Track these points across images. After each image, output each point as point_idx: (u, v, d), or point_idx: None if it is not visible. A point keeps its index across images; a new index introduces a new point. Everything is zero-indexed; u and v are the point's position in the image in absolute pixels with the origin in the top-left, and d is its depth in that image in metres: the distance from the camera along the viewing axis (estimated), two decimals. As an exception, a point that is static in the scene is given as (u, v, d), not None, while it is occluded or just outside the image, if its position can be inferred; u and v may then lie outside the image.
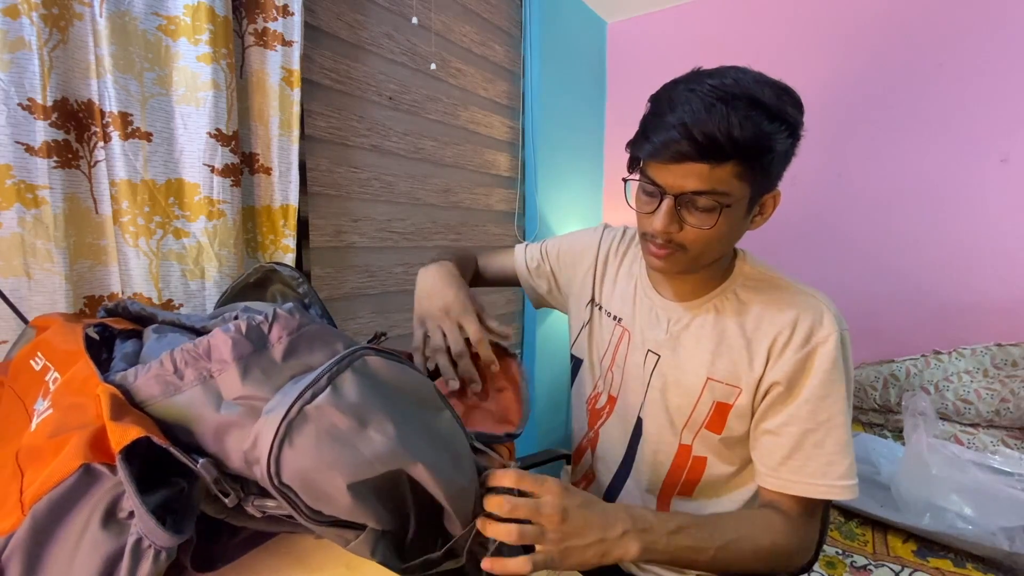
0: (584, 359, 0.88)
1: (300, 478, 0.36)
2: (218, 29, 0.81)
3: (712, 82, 0.56)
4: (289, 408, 0.36)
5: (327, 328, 0.45)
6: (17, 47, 0.66)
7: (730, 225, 0.62)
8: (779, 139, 0.57)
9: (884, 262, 1.79)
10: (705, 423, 0.70)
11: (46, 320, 0.58)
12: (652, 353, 0.75)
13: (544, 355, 1.91)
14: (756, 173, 0.58)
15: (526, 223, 1.85)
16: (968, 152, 1.64)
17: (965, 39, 1.63)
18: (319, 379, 0.38)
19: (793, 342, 0.65)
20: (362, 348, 0.42)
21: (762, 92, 0.56)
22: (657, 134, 0.57)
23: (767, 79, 0.59)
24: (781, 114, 0.57)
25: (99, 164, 0.76)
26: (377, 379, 0.41)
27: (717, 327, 0.70)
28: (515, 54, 1.78)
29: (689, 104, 0.55)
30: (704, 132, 0.54)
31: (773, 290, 0.69)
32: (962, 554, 1.24)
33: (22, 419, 0.45)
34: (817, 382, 0.64)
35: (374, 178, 1.30)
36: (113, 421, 0.35)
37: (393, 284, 1.37)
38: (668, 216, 0.60)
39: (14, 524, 0.34)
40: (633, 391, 0.78)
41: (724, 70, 0.59)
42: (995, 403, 1.50)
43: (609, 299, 0.84)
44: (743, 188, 0.58)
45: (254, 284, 0.70)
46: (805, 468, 0.64)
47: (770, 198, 0.65)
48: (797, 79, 0.66)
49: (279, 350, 0.41)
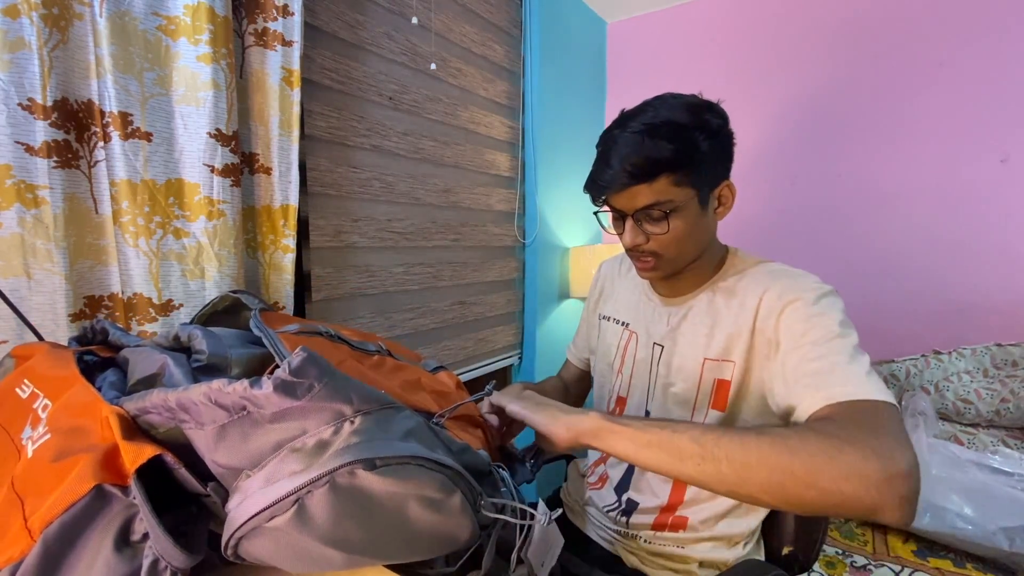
0: (597, 372, 0.94)
1: (263, 559, 0.36)
2: (218, 29, 0.81)
3: (634, 121, 0.69)
4: (244, 523, 0.34)
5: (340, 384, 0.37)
6: (17, 47, 0.66)
7: (688, 223, 0.71)
8: (700, 144, 0.67)
9: (884, 262, 1.79)
10: (710, 403, 0.74)
11: (27, 349, 0.57)
12: (656, 345, 0.81)
13: (544, 355, 1.91)
14: (690, 176, 0.69)
15: (526, 223, 1.85)
16: (968, 152, 1.64)
17: (965, 39, 1.63)
18: (283, 499, 0.34)
19: (777, 298, 0.68)
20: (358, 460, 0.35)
21: (676, 114, 0.68)
22: (601, 175, 0.71)
23: (686, 101, 0.70)
24: (698, 125, 0.68)
25: (99, 164, 0.76)
26: (359, 496, 0.35)
27: (710, 312, 0.76)
28: (515, 54, 1.78)
29: (618, 143, 0.69)
30: (632, 163, 0.68)
31: (761, 272, 0.74)
32: (962, 554, 1.24)
33: (8, 449, 0.44)
34: (803, 313, 0.64)
35: (374, 178, 1.30)
36: (126, 440, 0.35)
37: (393, 284, 1.37)
38: (633, 231, 0.73)
39: (23, 551, 0.34)
40: (640, 388, 0.83)
41: (646, 105, 0.72)
42: (995, 403, 1.50)
43: (616, 308, 0.92)
44: (684, 192, 0.69)
45: (223, 311, 0.71)
46: (827, 380, 0.57)
47: (724, 189, 0.74)
48: (797, 79, 0.67)
49: (266, 415, 0.36)
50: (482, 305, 1.70)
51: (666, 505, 0.78)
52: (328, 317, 1.20)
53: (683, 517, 0.77)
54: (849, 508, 0.46)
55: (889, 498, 0.44)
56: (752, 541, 0.79)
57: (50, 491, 0.36)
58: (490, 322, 1.75)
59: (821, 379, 0.57)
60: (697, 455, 0.50)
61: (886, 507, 0.44)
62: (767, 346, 0.67)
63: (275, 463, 0.36)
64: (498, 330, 1.79)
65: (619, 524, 0.81)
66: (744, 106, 1.99)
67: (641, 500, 0.80)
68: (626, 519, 0.80)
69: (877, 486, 0.44)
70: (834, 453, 0.46)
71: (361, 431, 0.37)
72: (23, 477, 0.39)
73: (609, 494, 0.85)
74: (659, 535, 0.77)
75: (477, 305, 1.68)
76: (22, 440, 0.44)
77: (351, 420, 0.37)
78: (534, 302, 1.86)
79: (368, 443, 0.36)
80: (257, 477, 0.36)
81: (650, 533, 0.78)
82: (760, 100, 1.93)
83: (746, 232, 1.97)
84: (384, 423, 0.39)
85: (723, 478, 0.49)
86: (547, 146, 1.85)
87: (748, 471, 0.48)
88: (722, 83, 2.02)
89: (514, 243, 1.84)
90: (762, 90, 1.93)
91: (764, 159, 1.94)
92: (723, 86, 2.02)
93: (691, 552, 0.75)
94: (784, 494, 0.47)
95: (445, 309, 1.55)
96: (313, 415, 0.36)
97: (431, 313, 1.50)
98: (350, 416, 0.37)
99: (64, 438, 0.40)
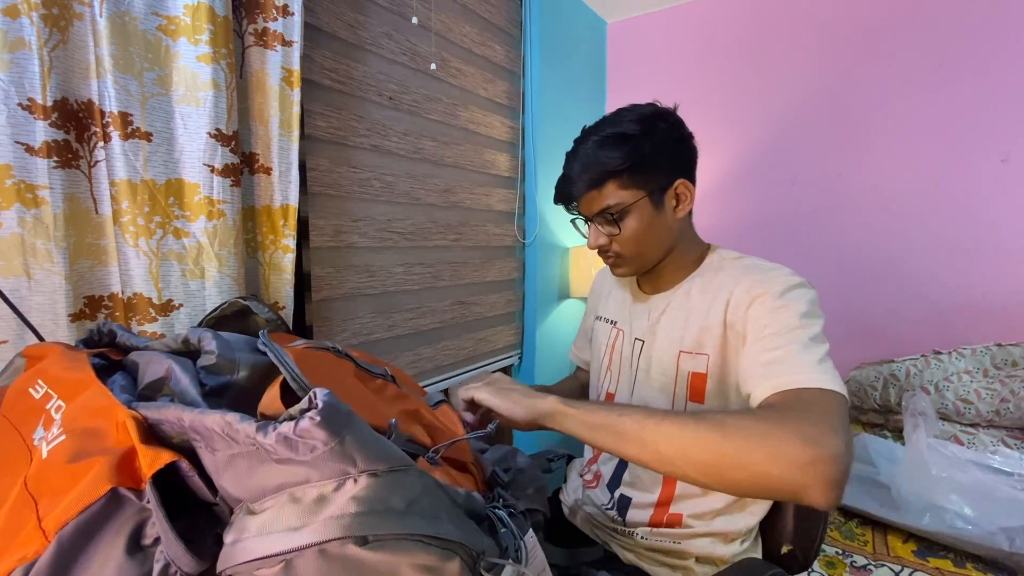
0: (591, 370, 0.98)
1: None
2: (218, 29, 0.81)
3: (593, 135, 0.77)
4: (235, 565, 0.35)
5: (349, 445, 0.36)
6: (17, 47, 0.67)
7: (642, 223, 0.77)
8: (644, 149, 0.73)
9: (884, 262, 1.79)
10: (688, 395, 0.76)
11: (40, 349, 0.57)
12: (638, 340, 0.85)
13: (544, 355, 1.91)
14: (635, 179, 0.75)
15: (526, 223, 1.85)
16: (968, 152, 1.64)
17: (965, 39, 1.63)
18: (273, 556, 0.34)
19: (746, 292, 0.70)
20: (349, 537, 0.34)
21: (625, 125, 0.75)
22: (562, 186, 0.81)
23: (639, 112, 0.76)
24: (644, 132, 0.74)
25: (99, 164, 0.76)
26: (349, 564, 0.35)
27: (686, 305, 0.79)
28: (515, 54, 1.78)
29: (576, 156, 0.78)
30: (579, 174, 0.77)
31: (736, 267, 0.77)
32: (962, 554, 1.24)
33: (19, 449, 0.44)
34: (768, 306, 0.66)
35: (374, 178, 1.30)
36: (144, 445, 0.35)
37: (393, 284, 1.37)
38: (594, 234, 0.81)
39: (37, 550, 0.34)
40: (626, 382, 0.86)
41: (603, 119, 0.78)
42: (995, 403, 1.49)
43: (607, 309, 0.96)
44: (633, 193, 0.75)
45: (232, 316, 0.71)
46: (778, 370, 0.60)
47: (680, 187, 0.78)
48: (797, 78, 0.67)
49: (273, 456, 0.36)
50: (482, 305, 1.70)
51: (658, 500, 0.78)
52: (328, 317, 1.20)
53: (677, 514, 0.77)
54: (777, 490, 0.49)
55: (813, 480, 0.46)
56: (750, 539, 0.80)
57: (65, 492, 0.36)
58: (490, 322, 1.75)
59: (774, 368, 0.60)
60: (638, 438, 0.53)
61: (810, 489, 0.46)
62: (737, 339, 0.70)
63: (273, 510, 0.36)
64: (498, 330, 1.79)
65: (616, 522, 0.82)
66: (744, 106, 1.99)
67: (633, 496, 0.81)
68: (622, 516, 0.81)
69: (802, 468, 0.46)
70: (764, 436, 0.48)
71: (361, 498, 0.36)
72: (37, 477, 0.39)
73: (603, 492, 0.86)
74: (655, 531, 0.78)
75: (477, 305, 1.68)
76: (34, 441, 0.44)
77: (355, 479, 0.36)
78: (534, 302, 1.87)
79: (366, 516, 0.35)
80: (255, 520, 0.36)
81: (646, 530, 0.78)
82: (760, 100, 1.93)
83: (745, 231, 1.97)
84: (389, 487, 0.37)
85: (662, 459, 0.52)
86: (547, 146, 1.85)
87: (685, 453, 0.50)
88: (722, 83, 2.02)
89: (514, 243, 1.84)
90: (762, 90, 1.93)
91: (764, 159, 1.94)
92: (723, 86, 2.03)
93: (687, 547, 0.76)
94: (719, 475, 0.50)
95: (445, 309, 1.55)
96: (318, 468, 0.36)
97: (431, 313, 1.50)
98: (355, 475, 0.36)
99: (80, 440, 0.40)
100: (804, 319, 0.64)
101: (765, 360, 0.62)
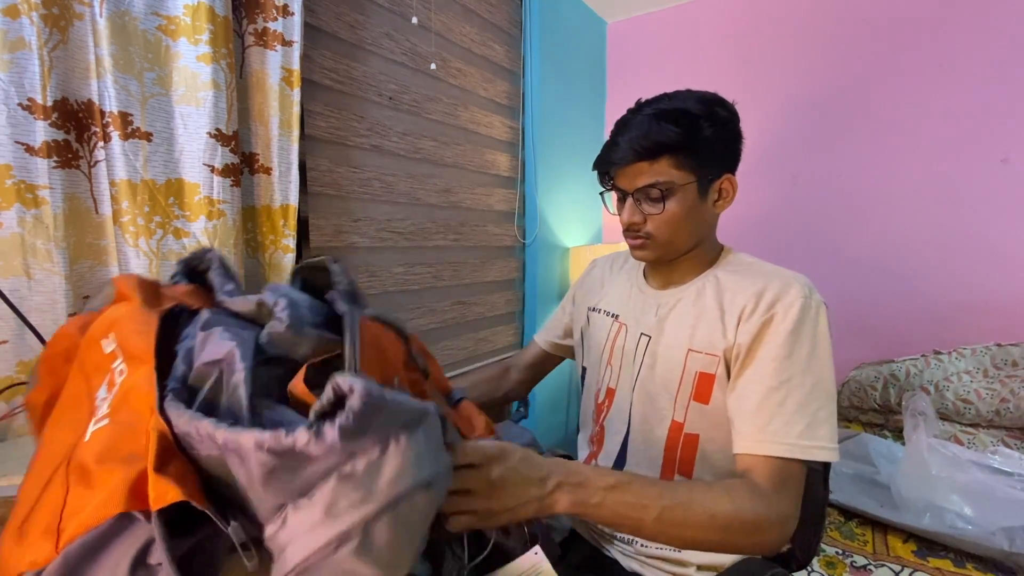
0: (587, 364, 0.94)
1: None
2: (218, 29, 0.81)
3: (648, 107, 0.74)
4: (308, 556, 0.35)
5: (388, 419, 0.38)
6: (17, 47, 0.67)
7: (683, 208, 0.74)
8: (704, 130, 0.71)
9: (884, 262, 1.79)
10: (692, 394, 0.75)
11: (127, 287, 0.52)
12: (644, 335, 0.82)
13: (544, 355, 1.91)
14: (691, 160, 0.72)
15: (526, 223, 1.85)
16: (968, 152, 1.64)
17: (965, 39, 1.63)
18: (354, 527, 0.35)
19: (759, 308, 0.70)
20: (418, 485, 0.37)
21: (688, 103, 0.73)
22: (609, 153, 0.76)
23: (700, 94, 0.75)
24: (704, 114, 0.72)
25: (99, 164, 0.76)
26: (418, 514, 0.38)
27: (698, 304, 0.77)
28: (515, 54, 1.78)
29: (629, 125, 0.74)
30: (638, 142, 0.73)
31: (751, 271, 0.76)
32: (962, 554, 1.24)
33: (84, 403, 0.44)
34: (779, 342, 0.67)
35: (374, 178, 1.30)
36: (156, 473, 0.35)
37: (393, 284, 1.37)
38: (631, 209, 0.76)
39: (46, 558, 0.35)
40: (627, 378, 0.83)
41: (663, 95, 0.76)
42: (995, 403, 1.50)
43: (607, 301, 0.92)
44: (683, 175, 0.73)
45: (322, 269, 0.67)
46: (768, 427, 0.64)
47: (725, 182, 0.76)
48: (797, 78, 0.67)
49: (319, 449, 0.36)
50: (482, 305, 1.70)
51: None
52: (328, 317, 1.20)
53: None
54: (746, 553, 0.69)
55: (767, 547, 0.62)
56: None
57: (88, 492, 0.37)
58: (490, 322, 1.75)
59: (761, 420, 0.65)
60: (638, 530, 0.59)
61: (766, 551, 0.63)
62: (741, 354, 0.70)
63: (329, 492, 0.36)
64: (498, 330, 1.79)
65: None
66: (744, 105, 1.98)
67: None
68: None
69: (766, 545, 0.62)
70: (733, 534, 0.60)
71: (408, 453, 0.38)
72: (78, 461, 0.39)
73: None
74: None
75: (477, 305, 1.68)
76: (96, 400, 0.43)
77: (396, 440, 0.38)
78: (534, 302, 1.86)
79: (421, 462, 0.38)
80: (310, 510, 0.36)
81: None
82: (760, 99, 1.93)
83: (746, 231, 1.97)
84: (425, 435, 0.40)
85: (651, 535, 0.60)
86: (547, 146, 1.85)
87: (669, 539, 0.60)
88: (722, 83, 2.01)
89: (514, 243, 1.84)
90: (763, 89, 1.92)
91: (765, 158, 1.94)
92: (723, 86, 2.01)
93: (688, 555, 0.75)
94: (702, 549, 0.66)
95: (445, 309, 1.55)
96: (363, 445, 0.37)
97: (431, 313, 1.50)
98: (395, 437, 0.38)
99: (116, 431, 0.40)
100: (808, 362, 0.66)
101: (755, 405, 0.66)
